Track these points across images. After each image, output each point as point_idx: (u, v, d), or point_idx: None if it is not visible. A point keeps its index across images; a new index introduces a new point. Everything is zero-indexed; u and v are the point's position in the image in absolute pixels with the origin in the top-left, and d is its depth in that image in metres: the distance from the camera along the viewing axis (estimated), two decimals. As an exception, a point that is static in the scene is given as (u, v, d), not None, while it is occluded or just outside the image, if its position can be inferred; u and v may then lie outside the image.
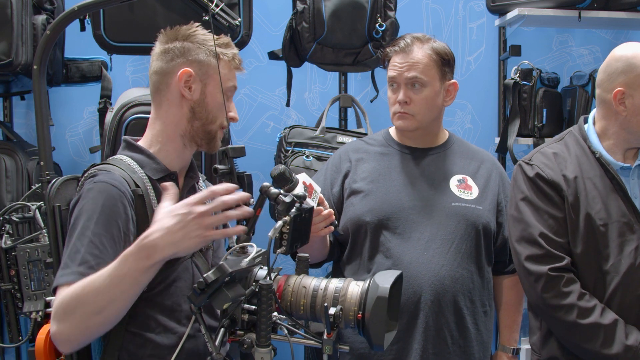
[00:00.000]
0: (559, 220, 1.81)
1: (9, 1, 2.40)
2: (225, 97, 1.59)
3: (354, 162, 2.02)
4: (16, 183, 2.51)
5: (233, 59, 1.61)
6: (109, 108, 2.47)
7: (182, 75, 1.56)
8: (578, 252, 1.79)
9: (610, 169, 1.82)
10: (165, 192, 1.40)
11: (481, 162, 2.04)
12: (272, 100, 3.09)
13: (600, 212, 1.79)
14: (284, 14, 2.78)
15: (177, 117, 1.58)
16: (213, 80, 1.58)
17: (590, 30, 3.23)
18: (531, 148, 2.92)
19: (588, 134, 1.89)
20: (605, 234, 1.78)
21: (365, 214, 1.91)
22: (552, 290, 1.76)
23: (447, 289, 1.85)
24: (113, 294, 1.32)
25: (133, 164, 1.54)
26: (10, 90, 2.80)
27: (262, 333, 1.28)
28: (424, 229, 1.89)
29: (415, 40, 1.95)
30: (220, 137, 1.63)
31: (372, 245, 1.90)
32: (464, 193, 1.95)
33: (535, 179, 1.86)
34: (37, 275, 1.98)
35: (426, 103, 1.94)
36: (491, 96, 3.19)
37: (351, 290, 1.33)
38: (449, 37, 3.17)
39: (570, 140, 1.91)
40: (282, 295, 1.36)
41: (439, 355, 1.85)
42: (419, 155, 2.01)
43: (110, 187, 1.45)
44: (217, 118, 1.60)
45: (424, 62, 1.92)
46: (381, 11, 2.60)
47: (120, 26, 2.42)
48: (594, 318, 1.73)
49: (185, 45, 1.58)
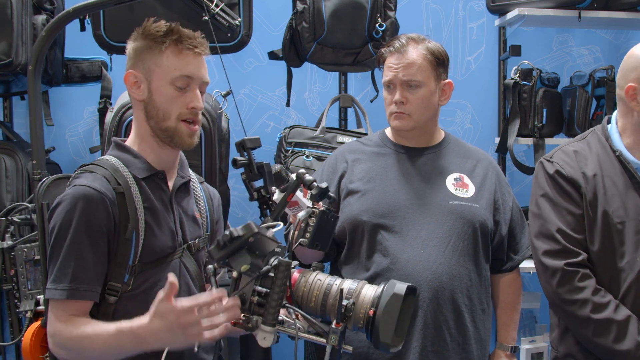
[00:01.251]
0: (576, 216, 1.83)
1: (9, 1, 2.41)
2: (174, 88, 1.52)
3: (350, 163, 2.02)
4: (16, 183, 2.51)
5: (177, 43, 1.53)
6: (109, 108, 2.47)
7: (126, 78, 1.56)
8: (594, 249, 1.81)
9: (630, 167, 1.83)
10: (167, 285, 1.33)
11: (477, 160, 2.05)
12: (272, 100, 3.09)
13: (618, 210, 1.80)
14: (284, 14, 2.78)
15: (140, 118, 1.58)
16: (156, 74, 1.53)
17: (590, 30, 3.23)
18: (531, 148, 2.92)
19: (610, 132, 1.90)
20: (622, 231, 1.79)
21: (362, 214, 1.91)
22: (567, 285, 1.79)
23: (445, 287, 1.85)
24: (113, 353, 1.41)
25: (118, 164, 1.55)
26: (10, 90, 2.80)
27: (270, 310, 1.27)
28: (421, 227, 1.89)
29: (410, 41, 1.96)
30: (188, 131, 1.56)
31: (370, 244, 1.91)
32: (460, 191, 1.96)
33: (555, 175, 1.88)
34: (33, 274, 1.99)
35: (422, 103, 1.95)
36: (491, 96, 3.19)
37: (365, 290, 1.34)
38: (449, 37, 3.17)
39: (593, 139, 1.93)
40: (296, 286, 1.36)
41: (437, 353, 1.85)
42: (415, 154, 2.01)
43: (90, 190, 1.46)
44: (170, 113, 1.53)
45: (419, 63, 1.93)
46: (381, 11, 2.60)
47: (120, 26, 2.42)
48: (607, 313, 1.74)
49: (136, 45, 1.57)
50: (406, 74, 1.92)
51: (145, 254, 1.51)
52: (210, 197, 1.76)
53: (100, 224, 1.46)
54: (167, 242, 1.56)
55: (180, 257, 1.57)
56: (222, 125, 2.39)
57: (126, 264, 1.49)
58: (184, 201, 1.64)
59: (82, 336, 1.42)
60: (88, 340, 1.41)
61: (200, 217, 1.67)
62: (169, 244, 1.56)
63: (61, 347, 1.46)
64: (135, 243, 1.50)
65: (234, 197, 2.64)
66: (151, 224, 1.53)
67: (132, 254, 1.50)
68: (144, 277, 1.50)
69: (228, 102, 1.93)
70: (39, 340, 1.70)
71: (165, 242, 1.55)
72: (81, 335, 1.42)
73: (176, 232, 1.58)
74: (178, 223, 1.59)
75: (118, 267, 1.49)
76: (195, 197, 1.69)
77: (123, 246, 1.49)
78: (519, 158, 2.97)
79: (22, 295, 1.99)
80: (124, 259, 1.49)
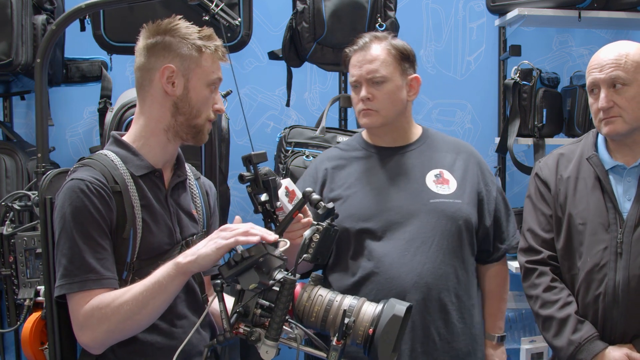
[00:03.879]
0: (547, 217, 1.93)
1: (9, 1, 2.40)
2: (209, 89, 1.59)
3: (329, 171, 2.02)
4: (16, 183, 2.51)
5: (216, 50, 1.60)
6: (109, 108, 2.47)
7: (164, 71, 1.55)
8: (559, 248, 1.90)
9: (597, 169, 1.85)
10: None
11: (457, 153, 2.04)
12: (272, 100, 3.09)
13: (583, 212, 1.85)
14: (284, 14, 2.78)
15: (160, 112, 1.58)
16: (196, 74, 1.57)
17: (590, 30, 3.23)
18: (531, 148, 2.92)
19: (598, 134, 1.93)
20: (583, 232, 1.85)
21: (344, 220, 1.90)
22: (528, 281, 1.94)
23: (432, 287, 1.86)
24: (146, 302, 1.42)
25: (116, 160, 1.55)
26: (10, 90, 2.80)
27: (274, 326, 1.29)
28: (404, 229, 1.89)
29: (373, 39, 1.98)
30: (208, 129, 1.63)
31: (355, 249, 1.92)
32: (441, 188, 1.95)
33: (535, 177, 1.99)
34: (33, 263, 1.99)
35: (389, 97, 1.95)
36: (491, 96, 3.19)
37: (365, 308, 1.35)
38: (449, 37, 3.17)
39: (584, 141, 1.97)
40: (298, 300, 1.37)
41: (427, 354, 1.86)
42: (393, 154, 2.01)
43: (85, 183, 1.47)
44: (201, 112, 1.59)
45: (382, 58, 1.94)
46: (381, 11, 2.60)
47: (120, 26, 2.42)
48: (551, 311, 1.86)
49: (167, 39, 1.57)
50: (370, 70, 1.93)
51: (142, 251, 1.52)
52: (206, 192, 1.77)
53: (101, 212, 1.46)
54: (165, 239, 1.56)
55: (179, 253, 1.57)
56: (222, 125, 2.39)
57: (124, 261, 1.50)
58: (180, 198, 1.65)
59: (112, 295, 1.43)
60: (120, 298, 1.42)
61: (196, 213, 1.68)
62: (166, 240, 1.56)
63: (89, 325, 1.44)
64: (133, 240, 1.50)
65: (234, 197, 2.65)
66: (148, 221, 1.53)
67: (130, 251, 1.50)
68: (142, 274, 1.50)
69: (228, 102, 1.94)
70: (39, 332, 1.71)
71: (162, 239, 1.56)
72: (111, 296, 1.43)
73: (173, 229, 1.59)
74: (175, 220, 1.60)
75: (116, 264, 1.49)
76: (192, 194, 1.70)
77: (121, 244, 1.50)
78: (519, 158, 2.97)
79: (21, 282, 2.00)
80: (121, 256, 1.50)
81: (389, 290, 1.83)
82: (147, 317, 1.44)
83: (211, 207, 1.77)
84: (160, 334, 1.53)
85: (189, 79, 1.56)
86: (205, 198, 1.74)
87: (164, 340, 1.53)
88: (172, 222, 1.59)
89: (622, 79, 1.76)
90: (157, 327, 1.52)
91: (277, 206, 1.50)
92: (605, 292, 1.79)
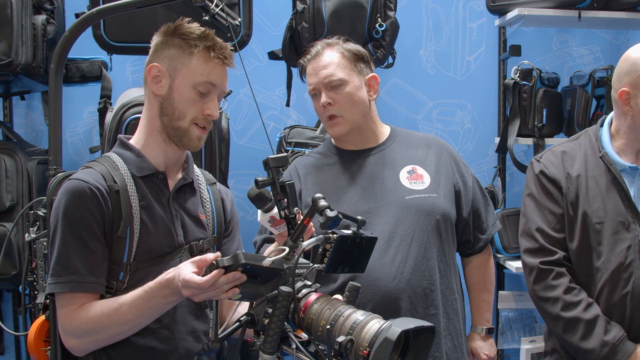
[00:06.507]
0: (557, 216, 1.89)
1: (9, 1, 2.40)
2: (195, 91, 1.54)
3: (302, 178, 2.01)
4: (16, 183, 2.51)
5: (209, 50, 1.54)
6: (109, 108, 2.47)
7: (150, 69, 1.55)
8: (573, 248, 1.86)
9: (613, 168, 1.84)
10: (200, 258, 1.35)
11: (428, 147, 2.04)
12: (272, 100, 3.09)
13: (598, 211, 1.83)
14: (284, 14, 2.78)
15: (152, 113, 1.58)
16: (181, 74, 1.54)
17: (590, 30, 3.23)
18: (531, 148, 2.92)
19: (601, 133, 1.93)
20: (600, 231, 1.82)
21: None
22: (542, 283, 1.86)
23: (415, 285, 1.85)
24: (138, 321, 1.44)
25: (118, 161, 1.55)
26: (10, 90, 2.80)
27: (268, 339, 1.26)
28: (382, 229, 1.88)
29: (325, 46, 1.99)
30: (199, 135, 1.57)
31: None
32: (415, 184, 1.95)
33: (539, 175, 1.94)
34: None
35: (350, 99, 1.94)
36: (491, 96, 3.19)
37: (370, 325, 1.23)
38: (449, 37, 3.17)
39: (584, 140, 1.95)
40: (307, 311, 1.31)
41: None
42: (363, 156, 2.00)
43: (80, 183, 1.47)
44: (185, 114, 1.54)
45: (337, 62, 1.95)
46: (381, 11, 2.59)
47: (120, 26, 2.43)
48: (576, 312, 1.80)
49: (164, 39, 1.57)
50: (326, 75, 1.93)
51: (140, 252, 1.51)
52: (221, 198, 1.74)
53: (94, 214, 1.46)
54: (164, 242, 1.55)
55: (182, 257, 1.57)
56: (222, 125, 2.39)
57: (120, 262, 1.50)
58: (187, 202, 1.63)
59: (102, 311, 1.43)
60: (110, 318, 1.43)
61: (205, 218, 1.67)
62: (165, 243, 1.55)
63: (76, 334, 1.46)
64: (130, 241, 1.50)
65: (234, 197, 2.64)
66: (147, 222, 1.52)
67: (127, 251, 1.50)
68: (139, 275, 1.50)
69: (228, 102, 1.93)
70: (43, 333, 1.70)
71: (161, 241, 1.55)
72: (99, 312, 1.43)
73: (175, 232, 1.57)
74: (178, 223, 1.59)
75: (112, 264, 1.49)
76: (201, 198, 1.68)
77: (117, 244, 1.49)
78: (519, 158, 2.97)
79: (40, 287, 2.01)
80: (118, 256, 1.49)
81: (373, 292, 1.83)
82: (136, 329, 1.47)
83: (227, 212, 1.75)
84: (156, 338, 1.53)
85: (175, 78, 1.54)
86: (218, 204, 1.72)
87: (160, 344, 1.53)
88: (174, 225, 1.58)
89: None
90: (153, 332, 1.52)
91: (295, 212, 1.41)
92: (632, 291, 1.78)
